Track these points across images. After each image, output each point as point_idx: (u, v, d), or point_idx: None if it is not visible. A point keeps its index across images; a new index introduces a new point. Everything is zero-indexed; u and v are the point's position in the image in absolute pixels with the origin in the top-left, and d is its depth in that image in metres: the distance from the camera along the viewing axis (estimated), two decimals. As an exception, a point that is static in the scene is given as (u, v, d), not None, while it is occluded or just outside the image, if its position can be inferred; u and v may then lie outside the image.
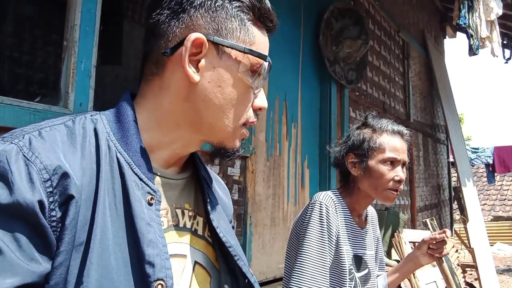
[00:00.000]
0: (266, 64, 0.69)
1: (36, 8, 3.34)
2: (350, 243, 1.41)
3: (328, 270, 1.31)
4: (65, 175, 0.56)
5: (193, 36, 0.64)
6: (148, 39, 0.70)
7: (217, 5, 0.66)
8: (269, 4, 0.70)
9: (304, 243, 1.32)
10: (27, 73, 3.28)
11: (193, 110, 0.67)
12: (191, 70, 0.65)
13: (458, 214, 7.49)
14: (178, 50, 0.65)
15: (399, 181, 1.40)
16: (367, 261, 1.47)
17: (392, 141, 1.41)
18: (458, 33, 7.85)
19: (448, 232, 1.57)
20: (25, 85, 3.23)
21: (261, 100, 0.71)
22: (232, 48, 0.66)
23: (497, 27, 4.42)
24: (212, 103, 0.66)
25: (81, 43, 1.70)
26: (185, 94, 0.67)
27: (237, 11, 0.67)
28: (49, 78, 3.21)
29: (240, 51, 0.66)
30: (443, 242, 1.54)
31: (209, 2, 0.66)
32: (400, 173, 1.40)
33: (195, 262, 0.72)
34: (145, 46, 0.71)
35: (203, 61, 0.66)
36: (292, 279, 1.28)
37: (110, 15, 3.02)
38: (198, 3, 0.66)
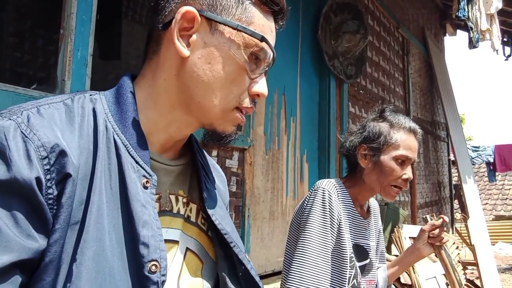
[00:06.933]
0: (267, 48, 0.67)
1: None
2: (351, 232, 1.40)
3: (330, 255, 1.29)
4: (62, 153, 0.56)
5: (184, 9, 0.64)
6: (152, 18, 0.69)
7: None
8: None
9: (307, 228, 1.30)
10: (22, 60, 3.27)
11: (184, 87, 0.66)
12: (180, 44, 0.64)
13: (459, 213, 7.48)
14: (172, 25, 0.65)
15: (407, 180, 1.39)
16: (368, 252, 1.46)
17: (407, 140, 1.39)
18: (458, 31, 7.86)
19: (446, 218, 1.57)
20: (20, 72, 3.23)
21: (260, 86, 0.69)
22: (225, 24, 0.64)
23: (497, 21, 4.41)
24: (200, 80, 0.65)
25: (78, 31, 1.71)
26: (176, 70, 0.66)
27: None
28: (45, 65, 3.21)
29: (233, 28, 0.64)
30: (442, 228, 1.53)
31: None
32: (409, 172, 1.39)
33: (187, 249, 0.71)
34: (150, 25, 0.70)
35: (194, 36, 0.65)
36: (294, 262, 1.27)
37: (108, 9, 3.02)
38: None
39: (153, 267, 0.58)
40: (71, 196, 0.55)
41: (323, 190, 1.34)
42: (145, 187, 0.62)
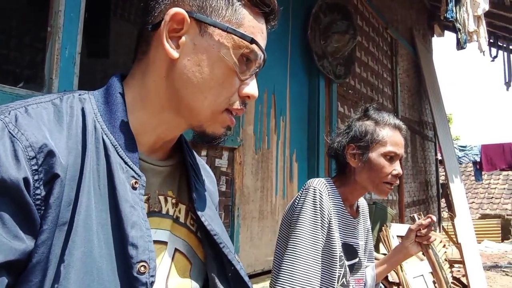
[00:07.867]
0: (257, 50, 0.66)
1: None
2: (341, 231, 1.41)
3: (320, 253, 1.30)
4: (50, 154, 0.55)
5: (173, 10, 0.63)
6: (142, 18, 0.69)
7: None
8: None
9: (297, 226, 1.31)
10: (9, 57, 3.23)
11: (173, 89, 0.66)
12: (169, 46, 0.64)
13: (446, 212, 7.57)
14: (161, 26, 0.64)
15: (397, 176, 1.41)
16: (357, 251, 1.47)
17: (393, 136, 1.41)
18: (446, 32, 7.95)
19: (434, 217, 1.59)
20: (7, 70, 3.18)
21: (250, 88, 0.68)
22: (214, 26, 0.64)
23: (484, 22, 4.48)
24: (190, 82, 0.65)
25: (66, 29, 1.69)
26: (166, 72, 0.66)
27: None
28: (32, 63, 3.17)
29: (223, 30, 0.64)
30: (429, 227, 1.56)
31: None
32: (398, 167, 1.41)
33: (175, 250, 0.71)
34: (140, 25, 0.70)
35: (183, 38, 0.64)
36: (285, 260, 1.28)
37: (96, 7, 2.99)
38: None
39: (142, 268, 0.58)
40: (59, 196, 0.55)
41: (314, 189, 1.35)
42: (134, 188, 0.62)
